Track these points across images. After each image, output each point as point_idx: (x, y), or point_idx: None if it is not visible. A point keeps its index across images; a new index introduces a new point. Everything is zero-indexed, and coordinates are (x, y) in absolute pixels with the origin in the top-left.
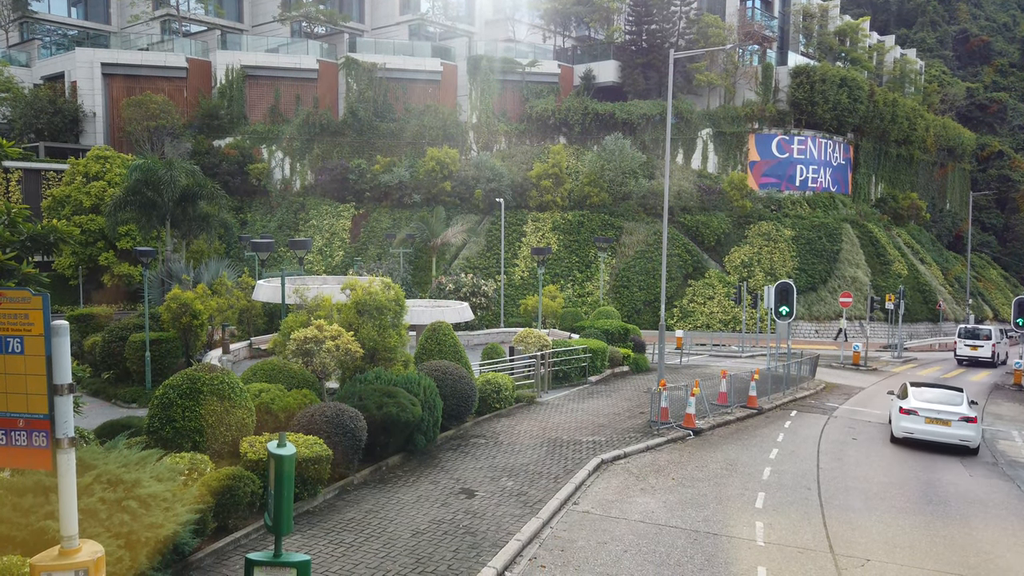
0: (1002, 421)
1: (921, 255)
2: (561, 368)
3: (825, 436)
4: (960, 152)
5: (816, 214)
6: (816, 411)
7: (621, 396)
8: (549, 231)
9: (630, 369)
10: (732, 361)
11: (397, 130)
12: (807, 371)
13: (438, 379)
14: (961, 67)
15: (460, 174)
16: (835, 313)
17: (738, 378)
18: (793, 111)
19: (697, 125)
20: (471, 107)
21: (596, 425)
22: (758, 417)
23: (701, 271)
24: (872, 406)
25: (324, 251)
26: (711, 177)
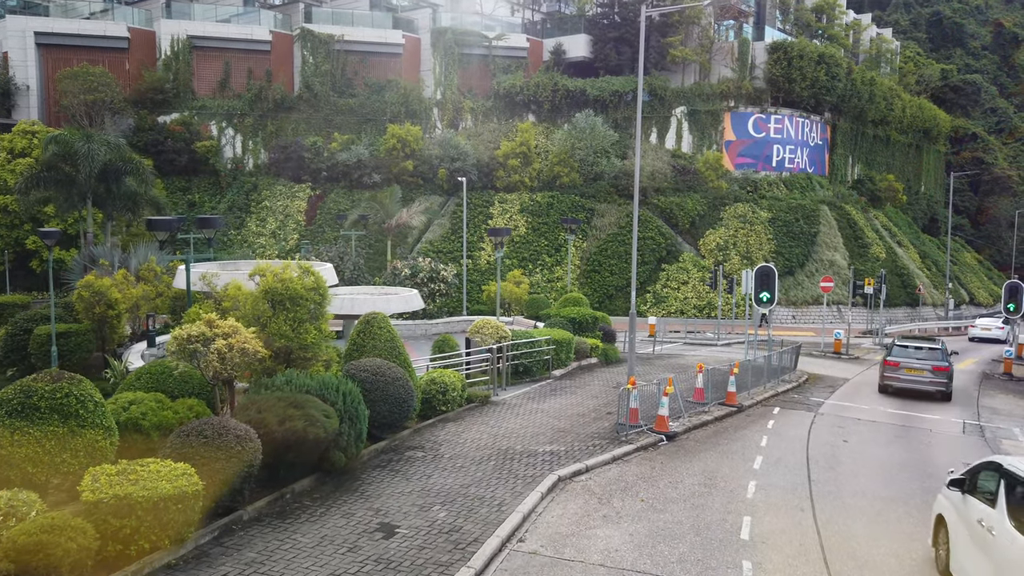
0: (1000, 417)
1: (899, 238)
2: (521, 362)
3: (813, 438)
4: (935, 134)
5: (793, 196)
6: (800, 407)
7: (587, 393)
8: (517, 213)
9: (599, 361)
10: (707, 350)
11: (356, 106)
12: (788, 362)
13: (367, 382)
14: (934, 49)
15: (423, 153)
16: (813, 298)
17: (716, 371)
18: (770, 88)
19: (671, 103)
20: (435, 82)
21: (556, 430)
22: (738, 416)
23: (675, 255)
24: (859, 400)
25: (278, 234)
26: (686, 157)
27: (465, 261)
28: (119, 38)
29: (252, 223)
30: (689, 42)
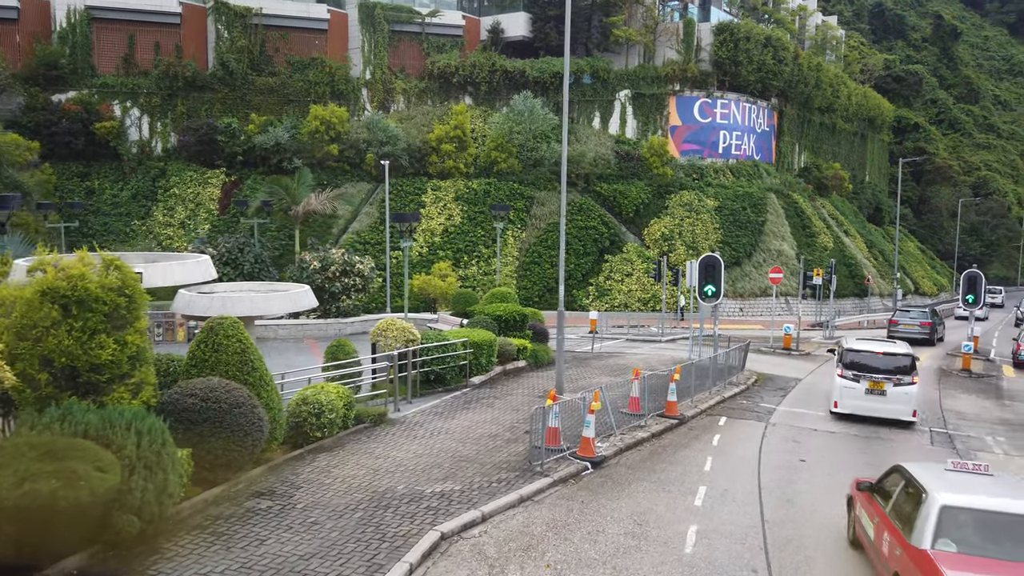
0: (967, 422)
1: (846, 227)
2: (433, 369)
3: (766, 458)
4: (880, 123)
5: (740, 183)
6: (750, 416)
7: (507, 405)
8: (452, 201)
9: (528, 364)
10: (651, 347)
11: (277, 86)
12: (736, 361)
13: (193, 410)
14: (877, 41)
15: (350, 136)
16: (761, 289)
17: (655, 376)
18: (716, 72)
19: (615, 86)
20: (364, 61)
21: (457, 459)
22: (680, 429)
23: (619, 245)
24: (813, 405)
25: (187, 224)
26: (630, 143)
27: (389, 253)
28: (8, 7)
29: (159, 212)
30: (633, 22)
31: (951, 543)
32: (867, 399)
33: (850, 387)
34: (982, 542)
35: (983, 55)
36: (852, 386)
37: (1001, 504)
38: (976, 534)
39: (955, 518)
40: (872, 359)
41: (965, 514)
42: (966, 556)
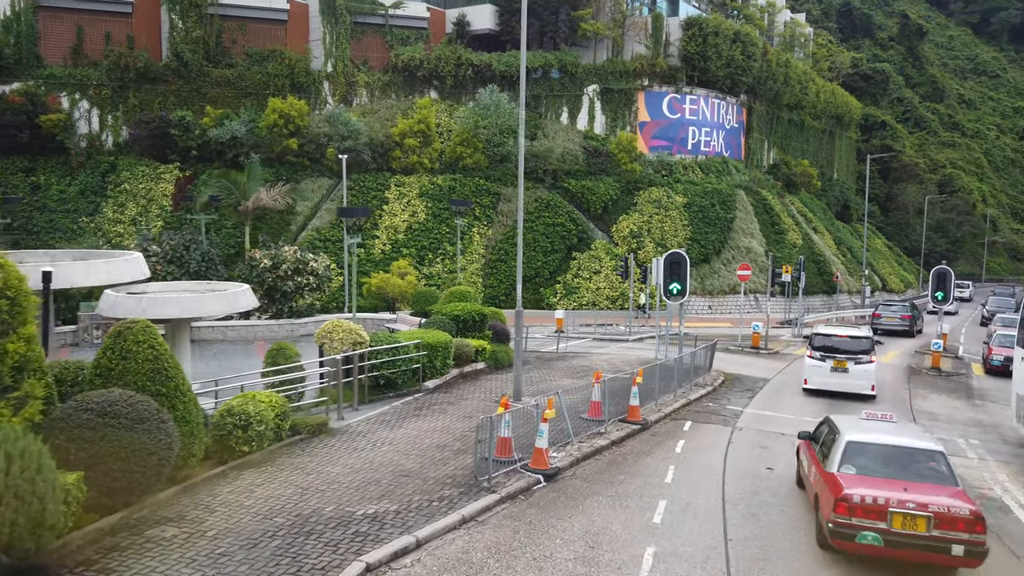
0: (940, 424)
1: (814, 224)
2: (383, 373)
3: (731, 466)
4: (847, 120)
5: (709, 180)
6: (716, 420)
7: (460, 412)
8: (416, 197)
9: (487, 366)
10: (618, 346)
11: (235, 78)
12: (704, 361)
13: (90, 426)
14: (844, 39)
15: (310, 130)
16: (730, 287)
17: (618, 379)
18: (685, 67)
19: (583, 80)
20: (325, 54)
21: (397, 474)
22: (642, 435)
23: (587, 242)
24: (782, 407)
25: (139, 221)
26: (598, 139)
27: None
28: None
29: (109, 209)
30: (601, 16)
31: (851, 467)
32: (832, 376)
33: (818, 366)
34: (873, 465)
35: (948, 54)
36: (819, 365)
37: (887, 439)
38: (869, 460)
39: (856, 450)
40: (837, 342)
41: (862, 447)
42: (860, 476)
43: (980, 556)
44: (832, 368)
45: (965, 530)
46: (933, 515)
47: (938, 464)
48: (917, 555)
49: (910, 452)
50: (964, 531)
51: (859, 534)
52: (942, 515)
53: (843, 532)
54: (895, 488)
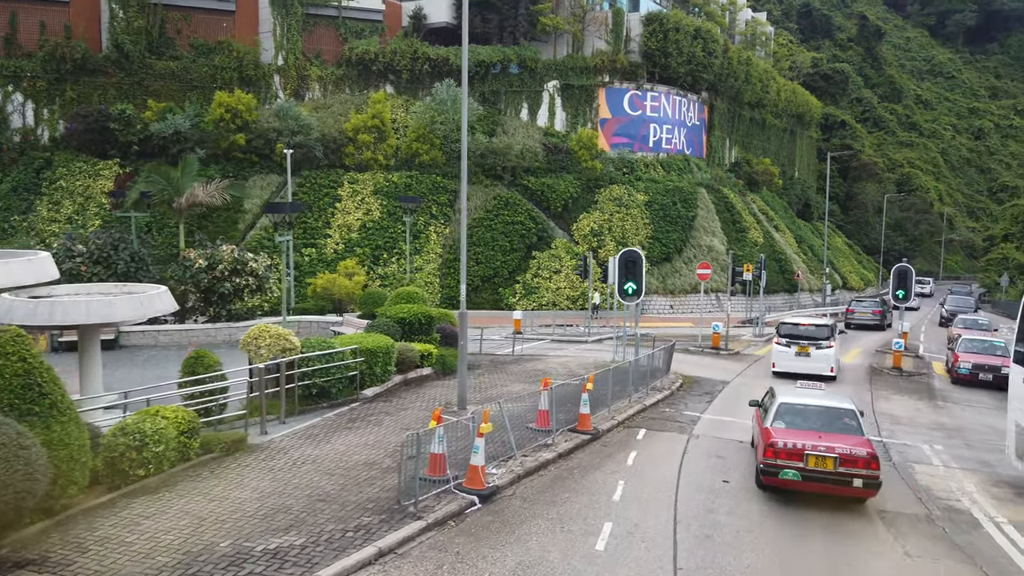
0: (902, 428)
1: (775, 222)
2: (315, 381)
3: (685, 480)
4: (808, 120)
5: (671, 177)
6: (671, 427)
7: (398, 423)
8: (370, 195)
9: (434, 372)
10: (576, 348)
11: (179, 71)
12: (661, 363)
13: None
14: (804, 40)
15: (259, 125)
16: (691, 286)
17: (568, 386)
18: (646, 63)
19: (543, 76)
20: (276, 46)
21: (314, 498)
22: (592, 446)
23: (547, 241)
24: (741, 411)
25: (75, 220)
26: (559, 135)
27: (291, 250)
28: None
29: (43, 207)
30: (561, 10)
31: (782, 422)
32: (796, 360)
33: (784, 351)
34: (798, 421)
35: (905, 56)
36: (785, 351)
37: (811, 401)
38: (796, 417)
39: (786, 409)
40: (800, 330)
41: (791, 406)
42: (788, 428)
43: (875, 487)
44: (796, 353)
45: (863, 467)
46: (839, 456)
47: (849, 419)
48: (827, 487)
49: (828, 410)
50: (863, 468)
51: (782, 471)
52: (846, 456)
53: (770, 471)
54: (812, 437)
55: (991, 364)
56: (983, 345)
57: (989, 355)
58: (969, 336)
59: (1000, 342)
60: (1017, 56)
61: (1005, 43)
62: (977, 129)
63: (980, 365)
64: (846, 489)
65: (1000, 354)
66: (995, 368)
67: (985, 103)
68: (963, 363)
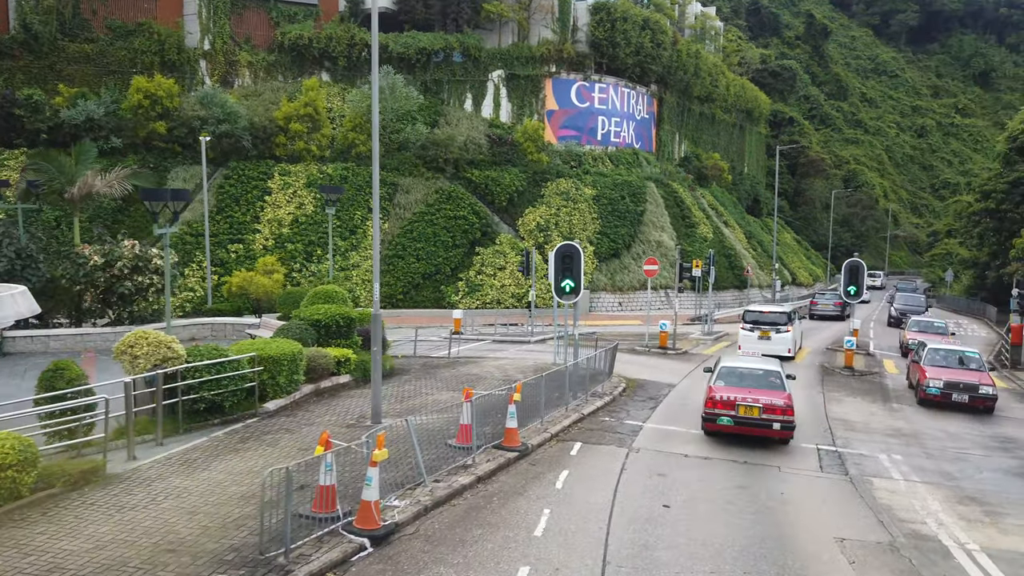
0: (857, 435)
1: (725, 218)
2: (203, 395)
3: (621, 506)
4: (757, 115)
5: (619, 171)
6: (610, 439)
7: (297, 443)
8: (303, 187)
9: (352, 379)
10: (517, 349)
11: (95, 54)
12: (603, 365)
13: None
14: (753, 37)
15: (181, 113)
16: (640, 282)
17: (495, 396)
18: (593, 54)
19: (488, 65)
20: (202, 29)
21: (161, 548)
22: (518, 465)
23: (491, 236)
24: (687, 420)
25: None
26: (504, 127)
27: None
28: None
29: None
30: None
31: (722, 381)
32: (759, 343)
33: (748, 335)
34: (735, 380)
35: (851, 54)
36: (749, 335)
37: (746, 364)
38: (734, 377)
39: (726, 371)
40: (762, 316)
41: (731, 369)
42: (726, 386)
43: (790, 430)
44: (759, 337)
45: (781, 414)
46: (763, 406)
47: (774, 379)
48: (753, 430)
49: (759, 371)
50: (780, 415)
51: (719, 418)
52: (767, 405)
53: (710, 418)
54: (744, 392)
55: (966, 382)
56: (952, 357)
57: (963, 370)
58: (936, 346)
59: (973, 352)
60: (957, 56)
61: (946, 43)
62: (920, 127)
63: (953, 384)
64: (768, 431)
65: (975, 368)
66: (971, 387)
67: (927, 101)
68: (932, 382)
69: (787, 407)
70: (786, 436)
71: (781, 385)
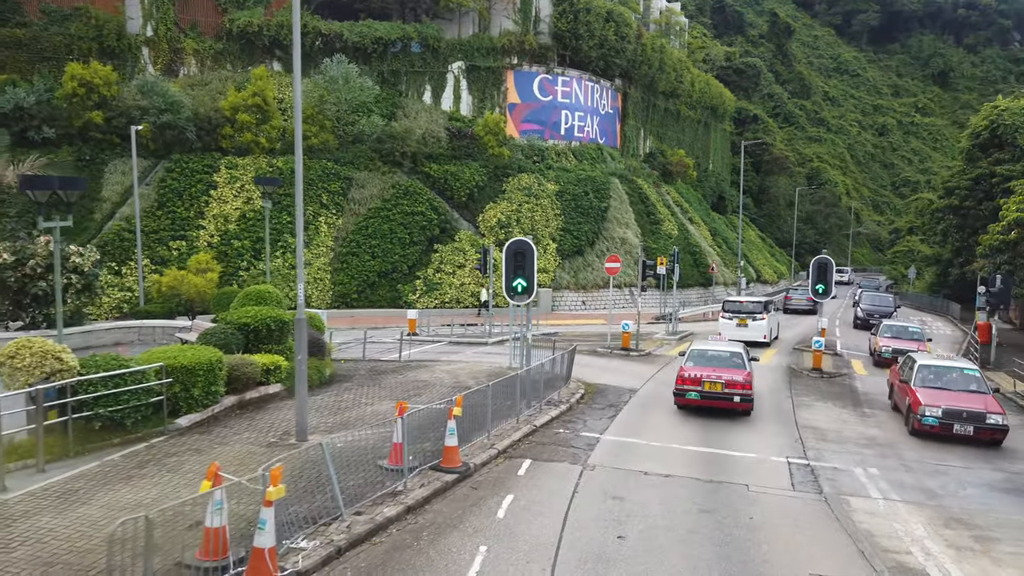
0: (829, 444)
1: (690, 215)
2: (96, 412)
3: (570, 537)
4: (722, 112)
5: (583, 167)
6: (563, 455)
7: (200, 468)
8: (251, 182)
9: (284, 389)
10: (474, 351)
11: (27, 39)
12: (561, 369)
13: None
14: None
15: (121, 102)
16: (604, 280)
17: (433, 410)
18: (556, 46)
19: (447, 57)
20: (144, 15)
21: None
22: (457, 490)
23: (451, 233)
24: (648, 430)
25: None
26: (464, 120)
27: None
28: None
29: None
30: None
31: (692, 362)
32: (737, 330)
33: (728, 323)
34: (703, 360)
35: (813, 53)
36: (729, 322)
37: (713, 347)
38: (702, 358)
39: (696, 353)
40: (741, 306)
41: (701, 351)
42: (695, 366)
43: (749, 402)
44: (737, 324)
45: (741, 389)
46: (725, 381)
47: (737, 359)
48: (717, 403)
49: (725, 353)
50: (740, 389)
51: (687, 393)
52: (729, 381)
53: (680, 393)
54: (709, 370)
55: (971, 410)
56: (950, 375)
57: (964, 393)
58: (927, 362)
59: (973, 370)
60: (917, 56)
61: (906, 43)
62: (881, 126)
63: (955, 412)
64: (729, 403)
65: (976, 389)
66: (977, 416)
67: (888, 101)
68: (928, 410)
69: (746, 383)
70: (746, 408)
71: (743, 364)
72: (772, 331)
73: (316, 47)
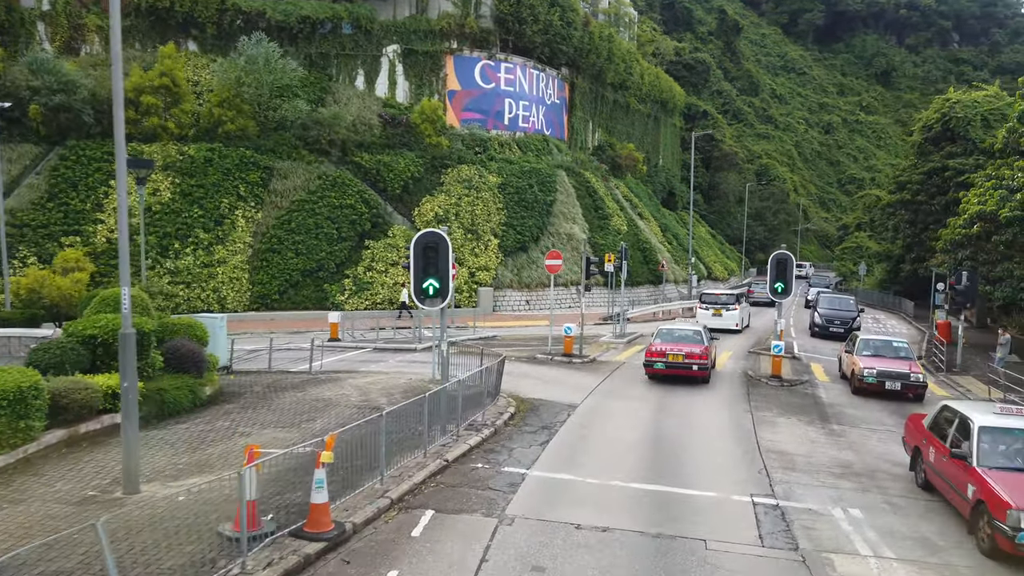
0: (799, 476)
1: (640, 210)
2: None
3: None
4: (672, 107)
5: (528, 158)
6: (475, 502)
7: None
8: (158, 170)
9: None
10: (398, 359)
11: None
12: (487, 383)
13: None
14: (667, 32)
15: (7, 81)
16: (549, 278)
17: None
18: (499, 30)
19: (381, 39)
20: None
21: None
22: (321, 567)
23: (383, 228)
24: (585, 461)
25: None
26: (401, 108)
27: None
28: None
29: None
30: None
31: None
32: (712, 319)
33: (704, 313)
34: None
35: (761, 51)
36: (704, 312)
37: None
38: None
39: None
40: (715, 298)
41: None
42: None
43: (706, 370)
44: (712, 314)
45: (698, 359)
46: (685, 353)
47: (698, 336)
48: (679, 371)
49: (688, 331)
50: (698, 359)
51: (655, 363)
52: (688, 353)
53: (649, 363)
54: (673, 345)
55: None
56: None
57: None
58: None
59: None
60: (861, 55)
61: (850, 43)
62: (826, 124)
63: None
64: (690, 372)
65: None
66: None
67: (833, 99)
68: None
69: (703, 354)
70: (703, 375)
71: (701, 340)
72: (743, 320)
73: (236, 26)
